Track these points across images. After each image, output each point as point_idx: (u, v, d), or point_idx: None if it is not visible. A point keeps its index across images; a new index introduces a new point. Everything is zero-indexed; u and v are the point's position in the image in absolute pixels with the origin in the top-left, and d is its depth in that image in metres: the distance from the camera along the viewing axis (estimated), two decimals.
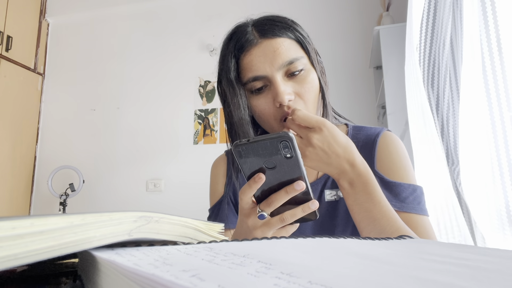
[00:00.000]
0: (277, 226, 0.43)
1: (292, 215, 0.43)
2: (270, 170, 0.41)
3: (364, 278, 0.15)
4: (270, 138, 0.38)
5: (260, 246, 0.24)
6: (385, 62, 1.64)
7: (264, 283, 0.13)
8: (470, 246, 0.25)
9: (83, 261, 0.24)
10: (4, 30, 2.42)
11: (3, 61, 2.41)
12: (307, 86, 0.58)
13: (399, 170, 0.61)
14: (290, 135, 0.38)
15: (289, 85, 0.57)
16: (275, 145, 0.39)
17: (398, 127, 1.53)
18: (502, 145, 0.82)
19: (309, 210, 0.43)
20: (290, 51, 0.57)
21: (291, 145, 0.39)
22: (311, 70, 0.60)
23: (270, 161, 0.40)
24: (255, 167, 0.41)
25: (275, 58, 0.56)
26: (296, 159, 0.40)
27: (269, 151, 0.39)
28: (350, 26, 2.22)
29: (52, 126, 2.65)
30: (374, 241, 0.29)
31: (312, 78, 0.59)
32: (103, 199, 2.42)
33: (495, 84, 0.83)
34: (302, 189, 0.41)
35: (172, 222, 0.27)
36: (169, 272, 0.15)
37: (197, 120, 2.38)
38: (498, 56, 0.82)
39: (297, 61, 0.57)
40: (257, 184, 0.41)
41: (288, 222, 0.43)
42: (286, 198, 0.42)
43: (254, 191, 0.42)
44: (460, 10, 0.98)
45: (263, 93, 0.58)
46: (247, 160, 0.40)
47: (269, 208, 0.43)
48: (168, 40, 2.53)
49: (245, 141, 0.39)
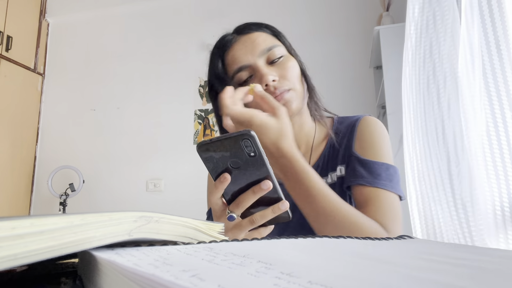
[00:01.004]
0: (247, 228, 0.43)
1: (262, 216, 0.42)
2: (236, 170, 0.40)
3: (364, 278, 0.15)
4: (231, 136, 0.38)
5: (260, 246, 0.24)
6: (385, 62, 1.64)
7: (264, 283, 0.13)
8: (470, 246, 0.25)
9: (83, 261, 0.24)
10: (4, 30, 2.42)
11: (3, 61, 2.41)
12: (289, 69, 0.62)
13: (375, 150, 0.63)
14: (251, 133, 0.38)
15: (272, 69, 0.61)
16: (237, 143, 0.38)
17: (398, 127, 1.53)
18: (503, 145, 0.82)
19: (279, 211, 0.42)
20: (266, 40, 0.63)
21: (253, 143, 0.38)
22: (290, 57, 0.64)
23: (234, 160, 0.39)
24: (221, 168, 0.40)
25: (255, 47, 0.61)
26: (260, 157, 0.39)
27: (232, 150, 0.39)
28: (350, 26, 2.22)
29: (52, 126, 2.65)
30: (374, 241, 0.29)
31: (293, 64, 0.63)
32: (103, 199, 2.42)
33: (495, 85, 0.83)
34: (269, 189, 0.40)
35: (172, 222, 0.27)
36: (169, 272, 0.15)
37: (197, 120, 2.38)
38: (497, 56, 0.82)
39: (275, 47, 0.62)
40: (223, 185, 0.40)
41: (258, 223, 0.42)
42: (254, 198, 0.41)
43: (221, 191, 0.41)
44: (460, 10, 0.98)
45: (250, 83, 0.62)
46: (212, 160, 0.40)
47: (238, 209, 0.42)
48: (168, 40, 2.53)
49: (208, 141, 0.38)
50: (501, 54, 0.81)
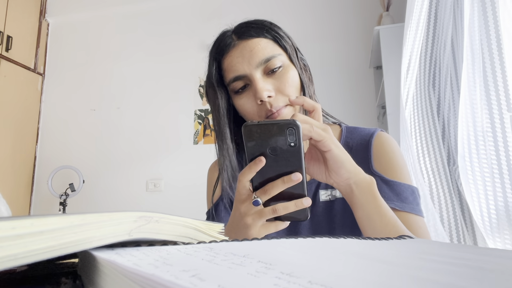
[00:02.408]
0: (268, 216, 0.44)
1: (285, 207, 0.43)
2: (272, 157, 0.41)
3: (364, 278, 0.15)
4: (279, 122, 0.39)
5: (260, 246, 0.24)
6: (385, 62, 1.64)
7: (264, 283, 0.13)
8: (470, 246, 0.25)
9: (83, 261, 0.24)
10: (4, 30, 2.42)
11: (3, 61, 2.41)
12: (287, 82, 0.59)
13: (396, 169, 0.62)
14: (298, 123, 0.39)
15: (269, 82, 0.59)
16: (282, 130, 0.40)
17: (398, 127, 1.53)
18: (502, 145, 0.82)
19: (301, 206, 0.43)
20: (266, 49, 0.59)
21: (297, 133, 0.40)
22: (290, 67, 0.61)
23: (274, 147, 0.41)
24: (258, 151, 0.41)
25: (252, 57, 0.59)
26: (299, 149, 0.40)
27: (275, 136, 0.40)
28: (350, 26, 2.22)
29: (52, 126, 2.65)
30: (374, 241, 0.29)
31: (292, 75, 0.60)
32: (103, 199, 2.42)
33: (495, 85, 0.83)
34: (299, 180, 0.42)
35: (172, 222, 0.27)
36: (169, 272, 0.15)
37: (197, 120, 2.38)
38: (498, 56, 0.82)
39: (274, 58, 0.59)
40: (257, 166, 0.41)
41: (279, 213, 0.43)
42: (282, 187, 0.42)
43: (253, 173, 0.42)
44: (461, 11, 0.98)
45: (245, 93, 0.61)
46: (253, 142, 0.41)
47: (264, 195, 0.43)
48: (168, 40, 2.53)
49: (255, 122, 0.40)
50: (502, 54, 0.81)
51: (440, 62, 1.09)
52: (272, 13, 2.31)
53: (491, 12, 0.83)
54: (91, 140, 2.54)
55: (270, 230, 0.46)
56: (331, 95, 2.13)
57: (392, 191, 0.59)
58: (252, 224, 0.44)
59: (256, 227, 0.45)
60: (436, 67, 1.11)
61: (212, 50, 0.65)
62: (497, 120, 0.82)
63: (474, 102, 0.88)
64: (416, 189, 0.61)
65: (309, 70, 0.67)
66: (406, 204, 0.58)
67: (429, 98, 1.13)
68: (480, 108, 0.86)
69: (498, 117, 0.82)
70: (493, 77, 0.83)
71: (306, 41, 2.19)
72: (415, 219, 0.57)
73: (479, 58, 0.86)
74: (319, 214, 0.64)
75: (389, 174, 0.61)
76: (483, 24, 0.84)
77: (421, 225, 0.58)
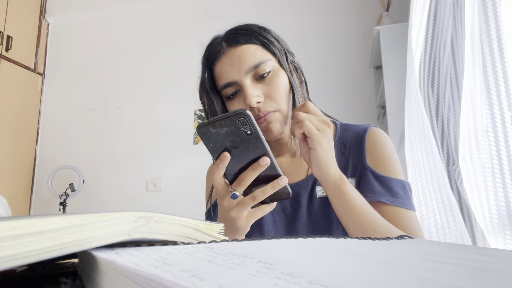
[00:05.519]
0: (250, 204, 0.45)
1: (263, 192, 0.44)
2: (235, 149, 0.42)
3: (364, 278, 0.15)
4: (228, 115, 0.40)
5: (260, 246, 0.24)
6: (385, 62, 1.64)
7: (264, 283, 0.13)
8: (470, 246, 0.25)
9: (83, 261, 0.24)
10: (4, 30, 2.42)
11: (3, 61, 2.41)
12: (276, 87, 0.60)
13: (388, 164, 0.64)
14: (247, 112, 0.40)
15: (259, 87, 0.60)
16: (234, 122, 0.40)
17: (398, 127, 1.53)
18: (503, 145, 0.82)
19: (278, 186, 0.44)
20: (254, 55, 0.60)
21: (249, 121, 0.40)
22: (280, 71, 0.62)
23: (233, 139, 0.41)
24: (220, 147, 0.42)
25: (241, 64, 0.60)
26: (257, 135, 0.41)
27: (230, 129, 0.41)
28: (350, 26, 2.22)
29: (52, 126, 2.65)
30: (374, 241, 0.29)
31: (281, 79, 0.61)
32: (103, 199, 2.42)
33: (495, 85, 0.83)
34: (267, 164, 0.42)
35: (172, 222, 0.27)
36: (169, 272, 0.15)
37: (197, 120, 2.38)
38: (499, 56, 0.82)
39: (263, 64, 0.60)
40: (223, 163, 0.42)
41: (259, 199, 0.44)
42: (254, 175, 0.43)
43: (222, 170, 0.43)
44: (461, 11, 0.98)
45: (236, 98, 0.62)
46: (211, 141, 0.42)
47: (240, 187, 0.44)
48: (168, 40, 2.53)
49: (206, 122, 0.41)
50: (502, 54, 0.81)
51: (439, 62, 1.09)
52: (272, 13, 2.31)
53: (492, 11, 0.83)
54: (91, 140, 2.54)
55: (257, 216, 0.47)
56: (331, 95, 2.14)
57: (383, 186, 0.61)
58: (238, 216, 0.46)
59: (242, 218, 0.46)
60: (436, 67, 1.11)
61: (203, 57, 0.67)
62: (498, 119, 0.82)
63: (475, 102, 0.88)
64: (407, 184, 0.62)
65: (301, 71, 0.68)
66: (397, 199, 0.59)
67: (428, 98, 1.13)
68: (481, 108, 0.86)
69: (499, 117, 0.82)
70: (494, 76, 0.83)
71: (306, 41, 2.19)
72: (405, 213, 0.59)
73: (480, 57, 0.86)
74: (316, 210, 0.65)
75: (381, 169, 0.63)
76: (484, 23, 0.84)
77: (411, 219, 0.59)
